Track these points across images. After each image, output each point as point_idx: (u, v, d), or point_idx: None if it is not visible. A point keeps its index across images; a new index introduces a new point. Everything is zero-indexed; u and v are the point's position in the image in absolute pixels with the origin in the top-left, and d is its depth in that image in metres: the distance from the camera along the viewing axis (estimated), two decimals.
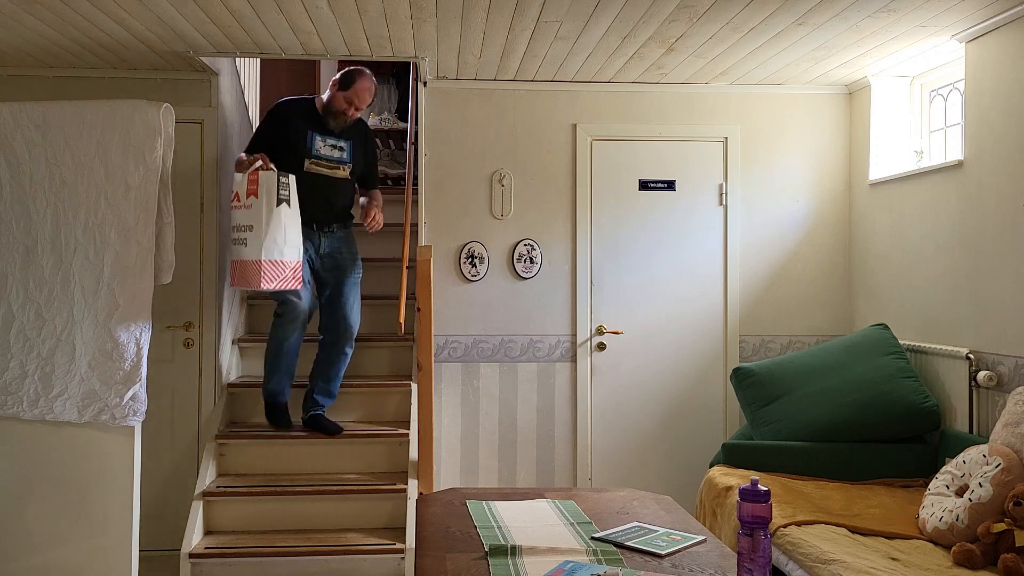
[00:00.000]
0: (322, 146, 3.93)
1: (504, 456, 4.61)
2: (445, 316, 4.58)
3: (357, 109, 3.93)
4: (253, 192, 3.55)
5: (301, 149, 3.88)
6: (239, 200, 3.59)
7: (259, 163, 3.58)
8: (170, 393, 4.30)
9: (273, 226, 3.52)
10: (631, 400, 4.66)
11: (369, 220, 4.00)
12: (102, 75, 4.29)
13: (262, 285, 3.49)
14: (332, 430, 3.98)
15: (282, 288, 3.59)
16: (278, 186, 3.54)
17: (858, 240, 4.65)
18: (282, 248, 3.55)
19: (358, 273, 4.07)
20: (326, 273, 3.99)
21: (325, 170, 3.93)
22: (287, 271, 3.58)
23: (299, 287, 3.68)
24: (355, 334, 4.05)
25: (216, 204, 4.34)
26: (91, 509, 3.28)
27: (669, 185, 4.68)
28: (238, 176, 3.64)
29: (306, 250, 3.86)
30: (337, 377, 4.04)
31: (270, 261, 3.51)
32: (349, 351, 4.04)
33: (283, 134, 3.88)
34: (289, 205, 3.59)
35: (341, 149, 3.98)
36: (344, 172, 3.98)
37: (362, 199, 4.18)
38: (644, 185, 4.68)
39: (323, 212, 3.94)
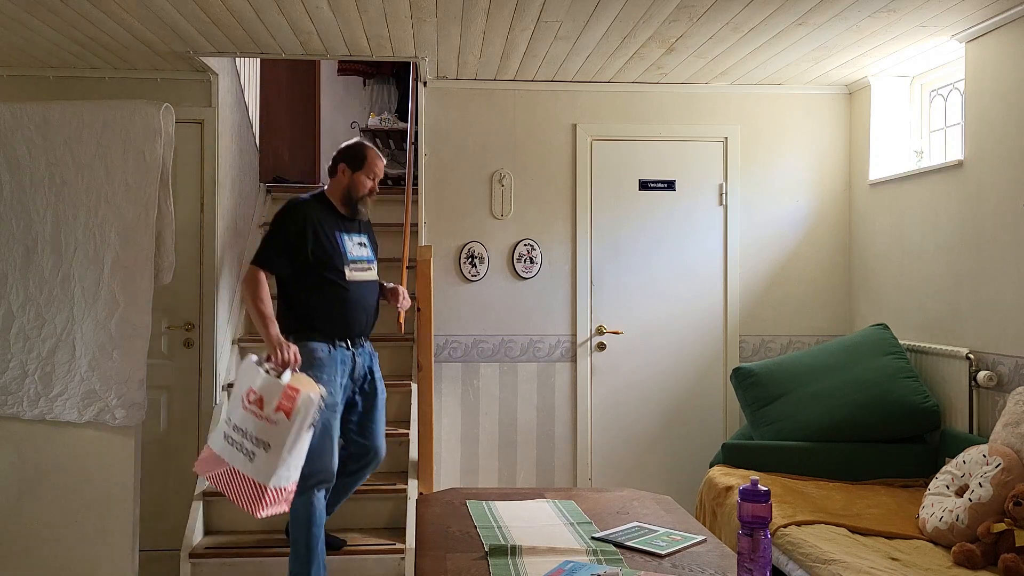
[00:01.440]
0: (352, 247, 3.39)
1: (504, 456, 4.61)
2: (445, 316, 4.58)
3: (377, 181, 3.47)
4: (286, 410, 2.87)
5: (338, 258, 3.31)
6: (261, 408, 2.89)
7: (290, 371, 3.02)
8: (170, 393, 4.30)
9: (296, 453, 2.91)
10: (631, 400, 4.66)
11: (400, 300, 3.53)
12: (102, 75, 4.29)
13: (259, 513, 2.83)
14: (336, 544, 3.60)
15: (273, 514, 2.89)
16: (315, 410, 2.94)
17: (858, 240, 4.65)
18: (291, 473, 2.92)
19: (385, 393, 3.57)
20: (359, 396, 3.45)
21: (362, 275, 3.40)
22: (285, 495, 2.91)
23: (287, 510, 2.98)
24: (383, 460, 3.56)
25: (215, 204, 4.33)
26: (91, 509, 3.28)
27: (669, 185, 4.68)
28: (264, 374, 2.95)
29: (340, 375, 3.32)
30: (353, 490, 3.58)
31: (277, 488, 2.87)
32: (371, 472, 3.56)
33: (315, 244, 3.28)
34: (314, 427, 2.98)
35: (364, 245, 3.47)
36: (374, 272, 3.50)
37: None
38: (644, 185, 4.68)
39: (363, 325, 3.42)
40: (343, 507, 3.85)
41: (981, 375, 3.55)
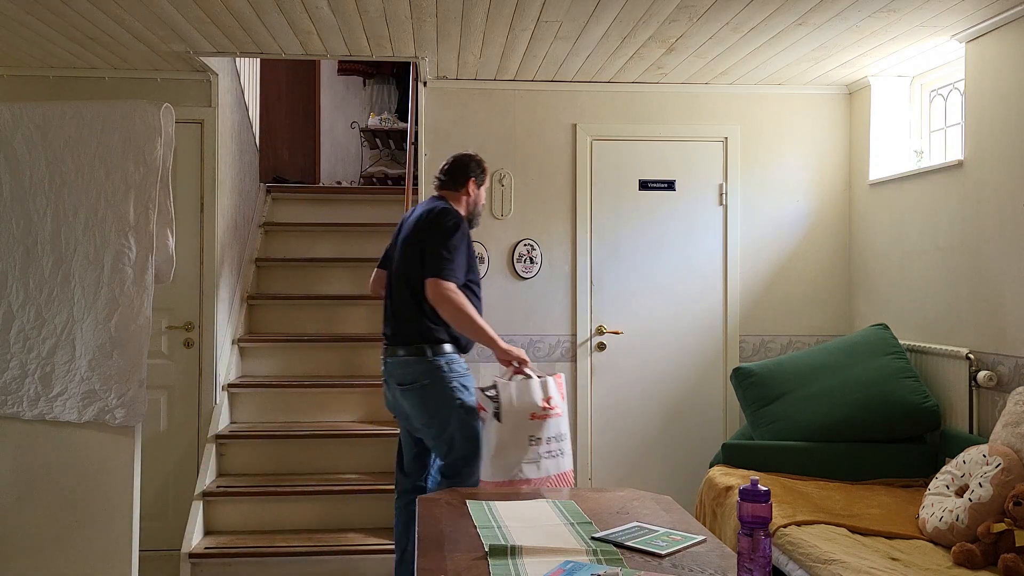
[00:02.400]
0: None
1: None
2: None
3: None
4: (563, 394, 3.24)
5: (478, 271, 3.49)
6: (552, 407, 3.15)
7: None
8: (170, 393, 4.30)
9: None
10: (631, 400, 4.66)
11: None
12: (102, 75, 4.29)
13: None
14: None
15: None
16: None
17: (858, 240, 4.65)
18: None
19: None
20: None
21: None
22: None
23: None
24: None
25: (215, 204, 4.33)
26: (91, 509, 3.28)
27: (669, 185, 4.68)
28: (537, 383, 3.17)
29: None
30: None
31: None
32: None
33: (471, 257, 3.39)
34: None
35: None
36: None
37: None
38: (644, 185, 4.67)
39: None
40: (343, 507, 3.86)
41: (981, 375, 3.55)
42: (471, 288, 3.37)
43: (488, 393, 3.20)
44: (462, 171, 3.49)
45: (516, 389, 3.15)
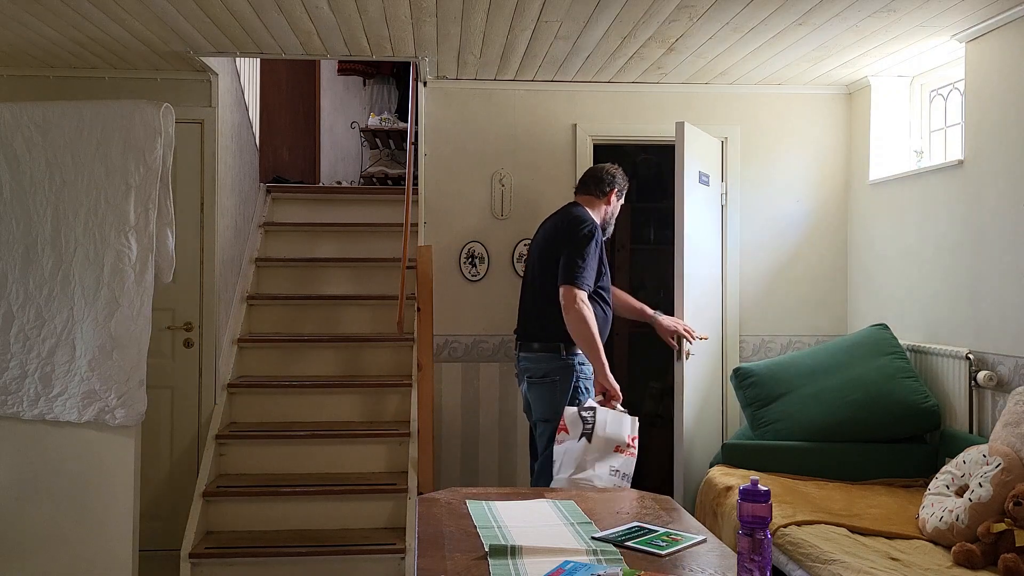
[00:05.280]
0: None
1: (504, 456, 4.61)
2: (445, 316, 4.58)
3: None
4: (636, 437, 3.35)
5: (608, 276, 3.71)
6: (634, 447, 3.32)
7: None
8: (170, 393, 4.30)
9: None
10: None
11: None
12: (102, 75, 4.29)
13: None
14: None
15: None
16: None
17: (858, 240, 4.64)
18: None
19: None
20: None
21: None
22: None
23: None
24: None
25: (215, 204, 4.33)
26: (91, 509, 3.28)
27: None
28: (628, 419, 3.34)
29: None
30: None
31: None
32: None
33: (601, 263, 3.62)
34: None
35: None
36: None
37: None
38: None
39: None
40: (343, 507, 3.86)
41: (981, 375, 3.55)
42: (600, 294, 3.58)
43: (584, 413, 3.33)
44: (607, 181, 3.75)
45: (611, 418, 3.30)
